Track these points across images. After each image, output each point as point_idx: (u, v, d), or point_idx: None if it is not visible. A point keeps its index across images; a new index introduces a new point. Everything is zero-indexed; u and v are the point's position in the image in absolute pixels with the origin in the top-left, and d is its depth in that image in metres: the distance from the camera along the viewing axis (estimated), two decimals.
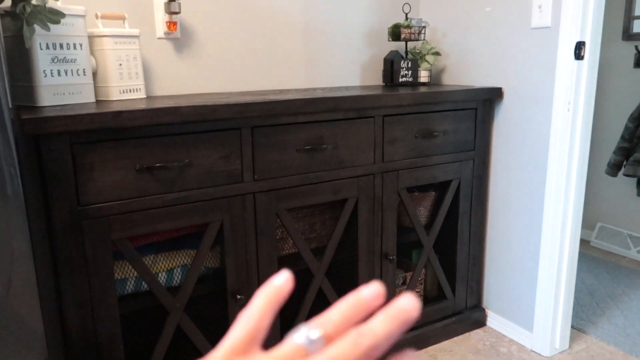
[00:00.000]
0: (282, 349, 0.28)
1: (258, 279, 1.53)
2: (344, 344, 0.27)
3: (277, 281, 0.31)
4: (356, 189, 1.66)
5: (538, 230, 1.86)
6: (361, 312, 0.30)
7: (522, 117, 1.86)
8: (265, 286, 0.31)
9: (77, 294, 1.27)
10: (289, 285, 0.31)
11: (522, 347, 1.93)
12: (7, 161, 0.96)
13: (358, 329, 0.28)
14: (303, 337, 0.28)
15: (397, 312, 0.28)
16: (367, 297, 0.30)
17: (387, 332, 0.28)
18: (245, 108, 1.39)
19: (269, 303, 0.31)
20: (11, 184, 0.97)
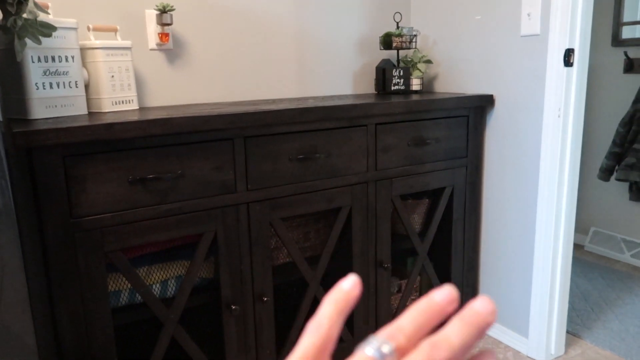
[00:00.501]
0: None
1: (252, 289, 1.52)
2: (418, 357, 0.25)
3: (346, 285, 0.29)
4: (350, 198, 1.67)
5: (531, 236, 1.86)
6: (434, 319, 0.28)
7: (514, 124, 1.88)
8: (333, 291, 0.29)
9: (70, 307, 1.26)
10: (358, 289, 0.30)
11: (518, 353, 1.93)
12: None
13: (432, 340, 0.26)
14: (374, 349, 0.26)
15: (473, 317, 0.27)
16: (440, 302, 0.28)
17: (463, 342, 0.26)
18: (237, 118, 1.39)
19: (338, 310, 0.29)
20: (2, 196, 0.97)
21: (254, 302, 1.53)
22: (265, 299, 1.54)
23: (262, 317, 1.56)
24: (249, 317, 1.53)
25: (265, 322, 1.57)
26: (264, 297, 1.54)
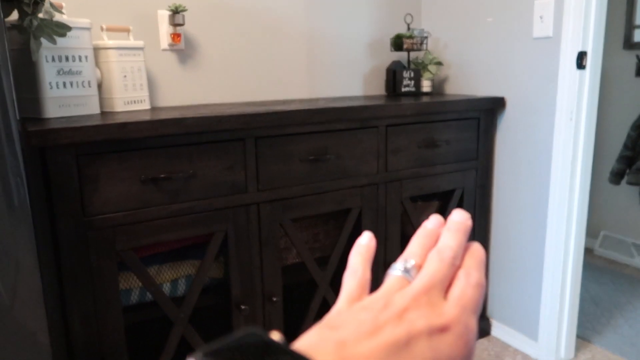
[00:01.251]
0: (387, 284, 0.32)
1: (262, 289, 1.53)
2: (432, 262, 0.32)
3: (364, 240, 0.37)
4: (360, 199, 1.67)
5: (542, 239, 1.85)
6: (433, 239, 0.35)
7: (525, 127, 1.87)
8: (355, 247, 0.37)
9: (81, 305, 1.27)
10: (374, 240, 0.37)
11: (527, 357, 1.92)
12: (14, 172, 0.97)
13: (436, 248, 0.33)
14: (400, 269, 0.33)
15: (456, 225, 0.34)
16: (433, 227, 0.36)
17: (457, 242, 0.33)
18: (249, 119, 1.40)
19: (365, 258, 0.36)
20: (17, 194, 0.97)
21: (264, 302, 1.54)
22: (274, 299, 1.54)
23: (272, 317, 1.56)
24: (259, 317, 1.53)
25: (275, 322, 1.57)
26: (273, 297, 1.54)
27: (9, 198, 0.96)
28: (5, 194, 0.95)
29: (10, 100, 0.97)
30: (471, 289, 0.31)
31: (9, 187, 0.96)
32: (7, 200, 0.95)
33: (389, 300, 0.30)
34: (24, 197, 0.98)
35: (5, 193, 0.95)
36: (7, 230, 0.95)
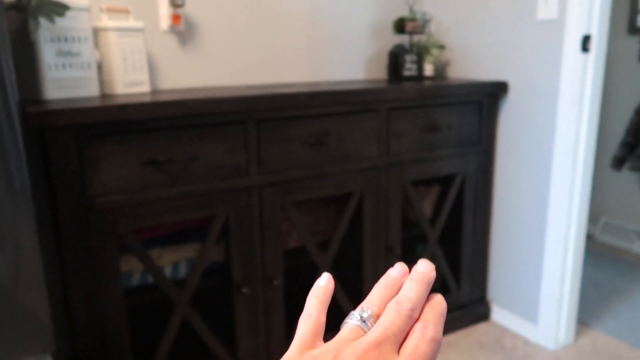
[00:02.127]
0: (342, 333, 0.32)
1: (263, 272, 1.53)
2: (389, 313, 0.32)
3: (322, 281, 0.37)
4: (361, 183, 1.66)
5: (543, 224, 1.85)
6: (394, 289, 0.35)
7: (528, 111, 1.86)
8: (313, 289, 0.36)
9: (83, 287, 1.27)
10: (332, 283, 0.37)
11: (527, 341, 1.93)
12: (14, 154, 0.96)
13: (395, 299, 0.33)
14: (356, 318, 0.33)
15: (420, 276, 0.35)
16: (396, 276, 0.36)
17: (418, 294, 0.33)
18: (250, 101, 1.39)
19: (322, 301, 0.36)
20: (18, 177, 0.97)
21: (264, 285, 1.54)
22: (275, 282, 1.54)
23: (272, 300, 1.56)
24: (259, 300, 1.54)
25: (275, 305, 1.57)
26: (274, 281, 1.54)
27: (9, 181, 0.95)
28: (6, 177, 0.94)
29: (9, 81, 0.96)
30: (425, 344, 0.31)
31: (10, 170, 0.95)
32: (7, 183, 0.95)
33: (339, 352, 0.30)
34: (25, 181, 0.98)
35: (6, 176, 0.94)
36: (8, 213, 0.95)
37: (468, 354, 1.85)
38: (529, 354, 1.85)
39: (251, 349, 1.55)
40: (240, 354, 1.54)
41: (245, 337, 1.53)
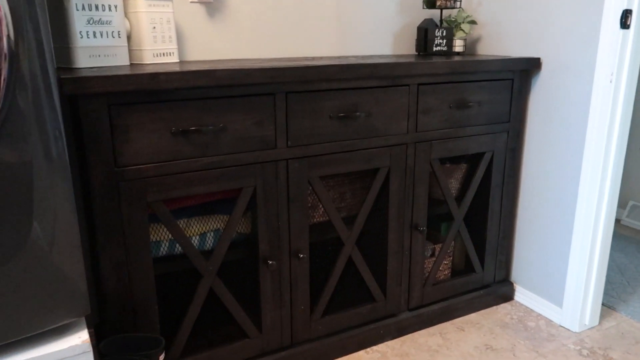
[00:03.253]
0: None
1: (289, 245, 1.53)
2: None
3: None
4: (388, 159, 1.65)
5: (572, 206, 1.82)
6: None
7: (561, 89, 1.81)
8: None
9: (113, 254, 1.29)
10: None
11: (551, 322, 1.92)
12: (53, 124, 0.96)
13: None
14: None
15: None
16: None
17: None
18: (279, 73, 1.37)
19: None
20: (55, 146, 0.97)
21: (290, 258, 1.54)
22: (301, 255, 1.55)
23: (298, 273, 1.57)
24: (285, 273, 1.55)
25: (301, 278, 1.58)
26: (300, 254, 1.55)
27: (47, 150, 0.96)
28: (43, 146, 0.95)
29: (49, 51, 0.95)
30: None
31: (48, 139, 0.96)
32: (45, 151, 0.95)
33: None
34: (62, 150, 0.98)
35: (43, 145, 0.95)
36: (46, 180, 0.96)
37: (490, 333, 1.85)
38: (552, 335, 1.84)
39: (275, 320, 1.57)
40: (264, 325, 1.55)
41: (269, 308, 1.55)
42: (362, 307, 1.74)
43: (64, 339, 1.01)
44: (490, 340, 1.81)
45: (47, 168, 0.96)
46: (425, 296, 1.87)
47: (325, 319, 1.67)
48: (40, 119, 0.94)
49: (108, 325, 1.33)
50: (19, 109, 0.90)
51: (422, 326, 1.87)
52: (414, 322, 1.85)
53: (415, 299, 1.85)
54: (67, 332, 1.03)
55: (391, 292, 1.78)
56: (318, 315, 1.66)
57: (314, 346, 1.65)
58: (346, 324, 1.72)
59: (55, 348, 0.98)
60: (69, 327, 1.05)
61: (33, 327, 0.97)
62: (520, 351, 1.75)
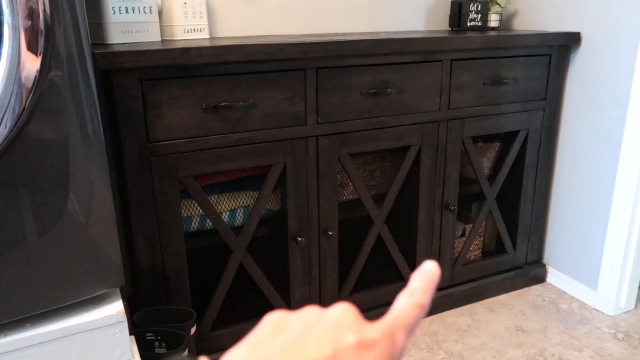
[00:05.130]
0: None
1: (319, 222, 1.53)
2: (399, 304, 0.30)
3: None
4: (420, 136, 1.62)
5: (610, 187, 1.76)
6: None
7: (601, 66, 1.74)
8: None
9: (146, 229, 1.31)
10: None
11: (584, 305, 1.88)
12: (88, 102, 0.97)
13: (406, 290, 0.31)
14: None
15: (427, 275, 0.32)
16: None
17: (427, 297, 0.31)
18: (310, 48, 1.35)
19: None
20: (91, 124, 0.98)
21: (319, 235, 1.54)
22: (330, 233, 1.54)
23: (327, 250, 1.57)
24: (314, 250, 1.55)
25: (330, 255, 1.58)
26: (329, 232, 1.55)
27: (83, 127, 0.97)
28: (79, 121, 0.96)
29: (84, 28, 0.96)
30: (410, 308, 0.30)
31: (84, 117, 0.97)
32: (81, 127, 0.97)
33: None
34: (97, 127, 0.99)
35: (79, 121, 0.96)
36: (82, 156, 0.97)
37: (521, 315, 1.82)
38: (586, 318, 1.80)
39: (304, 296, 1.58)
40: (293, 301, 1.57)
41: (298, 284, 1.56)
42: (390, 286, 1.74)
43: (99, 308, 1.04)
44: (521, 321, 1.79)
45: (82, 143, 0.97)
46: (455, 276, 1.85)
47: (353, 296, 1.67)
48: (75, 94, 0.95)
49: (142, 298, 1.36)
50: (55, 84, 0.91)
51: (452, 306, 1.86)
52: (443, 301, 1.84)
53: (445, 279, 1.83)
54: (103, 302, 1.06)
55: None
56: (347, 293, 1.66)
57: None
58: (375, 302, 1.72)
59: (91, 317, 1.01)
60: (104, 297, 1.08)
61: (70, 296, 1.00)
62: (552, 333, 1.72)
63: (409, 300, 0.30)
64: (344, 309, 0.28)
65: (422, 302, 0.30)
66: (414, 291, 0.30)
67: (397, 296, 0.31)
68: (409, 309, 0.30)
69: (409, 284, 0.31)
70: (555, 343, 1.67)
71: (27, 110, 0.88)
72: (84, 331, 0.99)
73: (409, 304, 0.30)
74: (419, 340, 1.68)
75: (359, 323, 0.28)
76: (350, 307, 0.29)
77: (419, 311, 0.30)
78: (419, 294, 0.30)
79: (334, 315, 0.28)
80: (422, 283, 0.31)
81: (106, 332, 1.02)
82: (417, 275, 0.31)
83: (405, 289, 0.31)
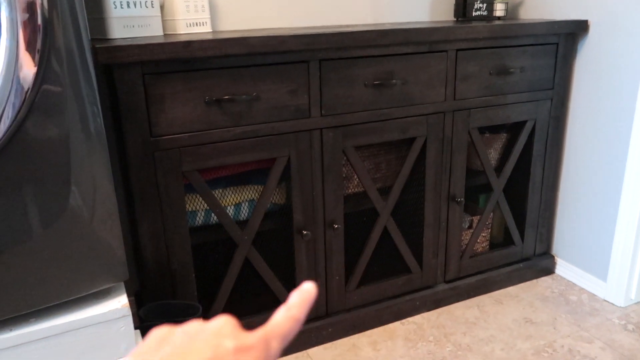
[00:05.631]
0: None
1: (324, 216, 1.52)
2: (277, 316, 0.34)
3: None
4: (425, 128, 1.60)
5: (619, 178, 1.74)
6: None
7: (610, 54, 1.71)
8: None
9: (151, 224, 1.31)
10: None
11: (594, 296, 1.86)
12: (89, 97, 0.97)
13: (285, 305, 0.35)
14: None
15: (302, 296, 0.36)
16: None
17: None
18: (313, 39, 1.34)
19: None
20: (93, 122, 0.98)
21: (325, 228, 1.54)
22: (336, 226, 1.54)
23: (333, 243, 1.56)
24: (320, 243, 1.54)
25: (335, 249, 1.57)
26: (334, 225, 1.54)
27: (85, 123, 0.97)
28: (80, 117, 0.96)
29: (84, 25, 0.95)
30: (286, 320, 0.33)
31: (86, 114, 0.97)
32: (83, 125, 0.96)
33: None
34: (100, 126, 0.99)
35: (80, 116, 0.96)
36: (84, 154, 0.97)
37: (530, 307, 1.81)
38: (596, 309, 1.78)
39: None
40: None
41: (304, 278, 1.55)
42: (397, 279, 1.73)
43: (104, 303, 1.04)
44: (530, 313, 1.77)
45: (84, 138, 0.97)
46: (463, 268, 1.84)
47: (360, 289, 1.67)
48: (76, 90, 0.94)
49: (147, 293, 1.36)
50: (54, 80, 0.91)
51: (459, 298, 1.85)
52: (450, 294, 1.83)
53: (452, 271, 1.82)
54: (108, 296, 1.06)
55: (427, 263, 1.76)
56: (353, 286, 1.65)
57: (349, 316, 1.65)
58: (381, 295, 1.71)
59: (96, 312, 1.01)
60: (109, 292, 1.08)
61: (75, 290, 1.00)
62: (561, 325, 1.70)
63: (286, 314, 0.34)
64: (225, 321, 0.32)
65: (297, 316, 0.34)
66: (291, 307, 0.34)
67: (276, 310, 0.34)
68: (285, 321, 0.33)
69: (287, 300, 0.35)
70: (564, 335, 1.65)
71: (26, 106, 0.88)
72: (89, 325, 0.99)
73: (285, 317, 0.34)
74: (427, 333, 1.67)
75: (238, 332, 0.31)
76: (230, 318, 0.32)
77: (293, 323, 0.34)
78: (294, 309, 0.34)
79: (215, 326, 0.31)
80: (298, 300, 0.35)
81: (111, 326, 1.02)
82: (296, 294, 0.35)
83: (284, 304, 0.35)
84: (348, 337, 1.66)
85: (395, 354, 1.58)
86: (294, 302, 0.35)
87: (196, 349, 0.29)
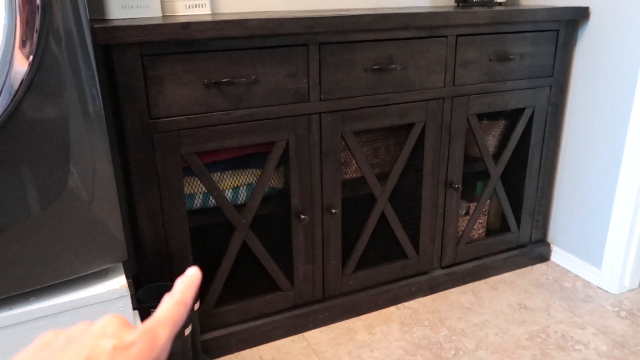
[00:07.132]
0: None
1: (322, 200, 1.53)
2: (162, 305, 0.34)
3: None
4: (424, 113, 1.60)
5: (616, 166, 1.74)
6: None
7: (610, 41, 1.71)
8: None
9: (149, 206, 1.31)
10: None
11: (588, 283, 1.88)
12: (88, 78, 0.97)
13: (169, 294, 0.35)
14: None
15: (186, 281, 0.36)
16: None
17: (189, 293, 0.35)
18: (313, 22, 1.33)
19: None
20: (92, 104, 0.98)
21: (323, 213, 1.54)
22: (333, 211, 1.54)
23: (330, 228, 1.57)
24: (317, 228, 1.55)
25: (333, 233, 1.58)
26: (332, 209, 1.54)
27: (83, 104, 0.96)
28: (79, 98, 0.96)
29: (82, 6, 0.95)
30: (171, 306, 0.33)
31: (85, 96, 0.96)
32: (81, 105, 0.96)
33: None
34: (99, 107, 0.99)
35: (79, 97, 0.95)
36: (83, 136, 0.97)
37: (524, 293, 1.83)
38: (589, 296, 1.80)
39: (307, 274, 1.58)
40: (296, 278, 1.57)
41: (302, 262, 1.56)
42: (394, 264, 1.74)
43: (103, 283, 1.04)
44: (525, 299, 1.79)
45: (83, 119, 0.97)
46: (459, 254, 1.85)
47: (357, 274, 1.68)
48: (75, 70, 0.94)
49: (145, 275, 1.37)
50: (53, 60, 0.91)
51: (455, 284, 1.86)
52: (446, 279, 1.84)
53: (448, 257, 1.83)
54: (107, 277, 1.07)
55: (424, 249, 1.77)
56: (350, 270, 1.67)
57: (345, 300, 1.66)
58: (378, 280, 1.73)
59: (95, 292, 1.01)
60: (108, 272, 1.08)
61: (74, 270, 1.01)
62: (555, 311, 1.72)
63: (171, 301, 0.34)
64: (109, 319, 0.31)
65: (182, 299, 0.34)
66: (174, 293, 0.34)
67: (162, 299, 0.34)
68: (170, 307, 0.33)
69: (172, 288, 0.35)
70: (558, 320, 1.67)
71: (24, 86, 0.88)
72: (88, 305, 1.00)
73: (170, 304, 0.34)
74: (422, 318, 1.69)
75: (121, 330, 0.30)
76: (116, 317, 0.32)
77: (179, 307, 0.34)
78: (179, 294, 0.34)
79: (99, 326, 0.31)
80: (183, 285, 0.35)
81: (110, 306, 1.02)
82: (180, 280, 0.35)
83: (169, 292, 0.35)
84: (344, 321, 1.67)
85: (390, 337, 1.60)
86: (179, 288, 0.35)
87: (72, 351, 0.29)
